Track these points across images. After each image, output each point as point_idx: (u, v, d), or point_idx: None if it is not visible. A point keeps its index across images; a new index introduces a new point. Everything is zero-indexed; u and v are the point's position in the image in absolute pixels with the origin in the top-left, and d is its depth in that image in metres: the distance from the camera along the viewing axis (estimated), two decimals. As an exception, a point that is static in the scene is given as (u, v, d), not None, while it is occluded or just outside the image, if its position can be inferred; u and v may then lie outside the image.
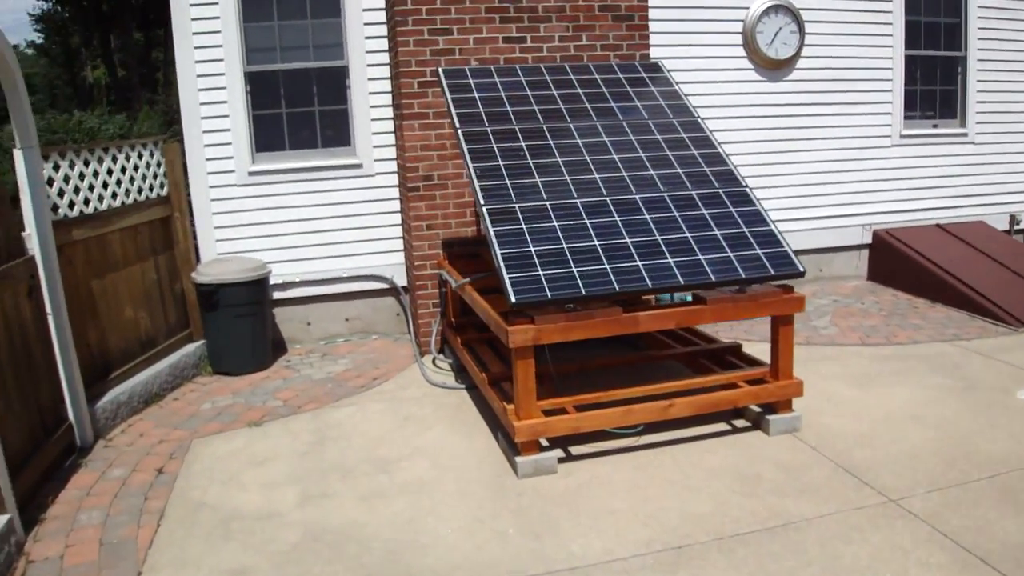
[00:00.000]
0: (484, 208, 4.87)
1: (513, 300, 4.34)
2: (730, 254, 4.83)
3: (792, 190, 8.52)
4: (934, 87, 9.20)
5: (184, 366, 6.50)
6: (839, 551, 3.78)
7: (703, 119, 5.90)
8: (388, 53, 7.15)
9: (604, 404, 4.82)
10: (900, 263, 8.64)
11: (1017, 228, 9.70)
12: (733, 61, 8.19)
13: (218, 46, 6.89)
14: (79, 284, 5.52)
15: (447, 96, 5.72)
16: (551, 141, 5.44)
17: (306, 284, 7.38)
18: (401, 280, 7.54)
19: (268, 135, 7.27)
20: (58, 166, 5.45)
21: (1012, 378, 5.96)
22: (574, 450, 4.91)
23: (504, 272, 4.47)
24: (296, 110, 7.29)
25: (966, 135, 9.28)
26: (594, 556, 3.81)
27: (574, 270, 4.54)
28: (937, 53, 9.08)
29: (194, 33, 6.83)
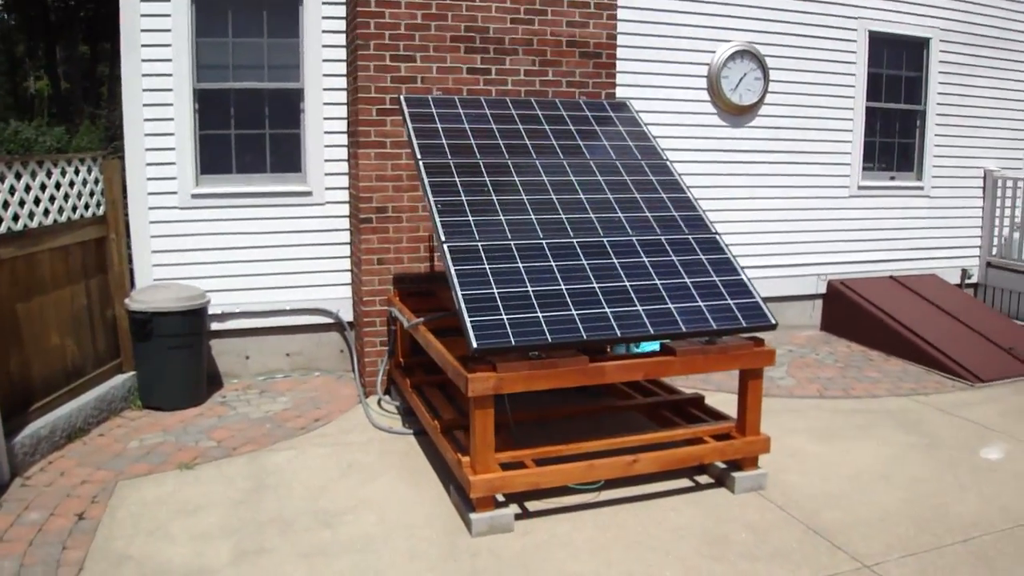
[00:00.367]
0: (445, 245, 4.59)
1: (475, 346, 4.05)
2: (700, 303, 4.62)
3: (750, 237, 8.41)
4: (893, 139, 9.23)
5: (112, 399, 6.06)
6: (817, 628, 3.55)
7: (671, 162, 5.72)
8: (347, 78, 6.86)
9: (565, 458, 4.54)
10: (855, 314, 8.57)
11: (968, 282, 9.74)
12: (697, 104, 8.08)
13: (167, 60, 6.53)
14: (2, 306, 5.09)
15: (408, 125, 5.45)
16: (516, 178, 5.19)
17: (246, 315, 6.99)
18: (347, 315, 7.21)
19: (215, 156, 6.91)
20: (-16, 180, 5.04)
21: (975, 436, 5.86)
22: (531, 506, 4.62)
23: (466, 315, 4.19)
24: (246, 132, 6.95)
25: (922, 188, 9.31)
26: (556, 628, 3.53)
27: (540, 315, 4.28)
28: (897, 106, 9.11)
29: (143, 45, 6.47)
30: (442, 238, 4.64)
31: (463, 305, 4.24)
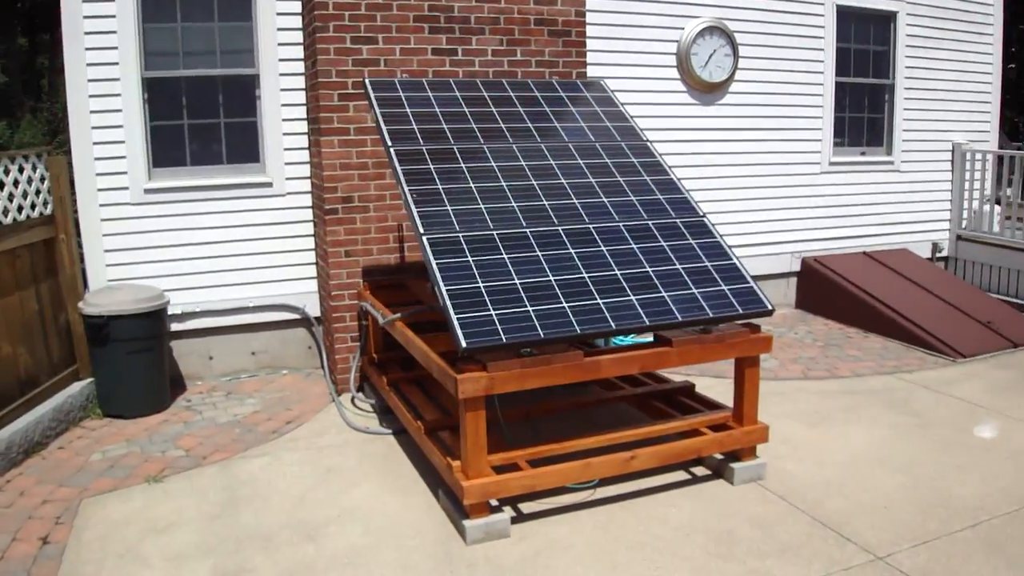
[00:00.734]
0: (424, 238, 4.32)
1: (464, 344, 3.80)
2: (695, 291, 4.41)
3: (724, 216, 8.24)
4: (862, 114, 9.12)
5: (70, 408, 5.70)
6: (839, 629, 3.38)
7: (652, 142, 5.50)
8: (305, 62, 6.53)
9: (560, 457, 4.31)
10: (830, 291, 8.46)
11: (939, 255, 9.70)
12: (667, 83, 7.88)
13: (113, 48, 6.13)
14: (-57, 319, 4.74)
15: (376, 110, 5.16)
16: (494, 163, 4.93)
17: (208, 314, 6.65)
18: (314, 310, 6.90)
19: (167, 149, 6.53)
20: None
21: (965, 414, 5.76)
22: (525, 508, 4.39)
23: (452, 311, 3.93)
24: (200, 122, 6.58)
25: (892, 163, 9.22)
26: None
27: (530, 309, 4.04)
28: (866, 80, 8.99)
29: (86, 33, 6.06)
30: (420, 230, 4.36)
31: (448, 301, 3.98)
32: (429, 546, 4.03)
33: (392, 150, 4.86)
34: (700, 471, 4.83)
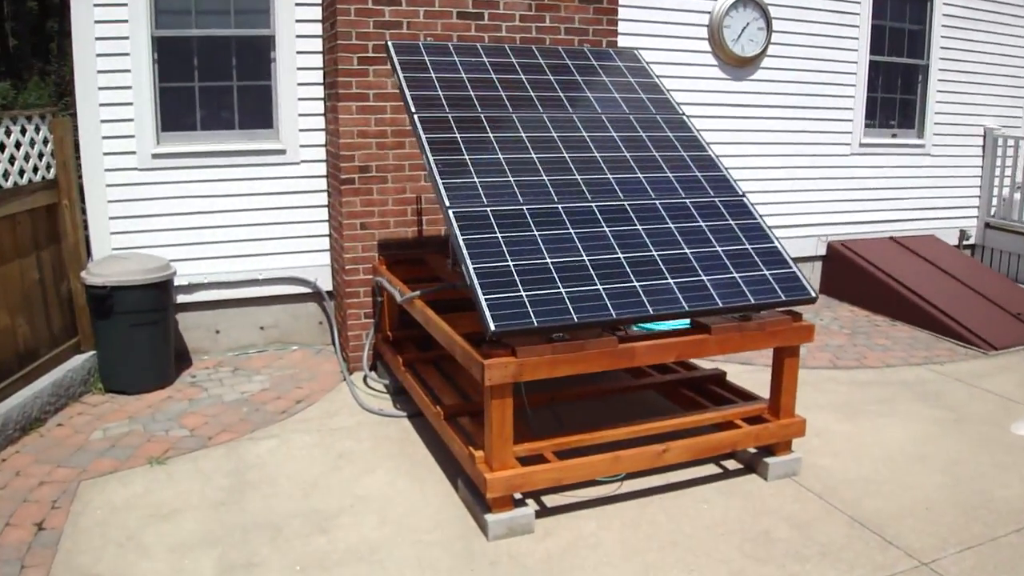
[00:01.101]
0: (451, 211, 4.05)
1: (493, 328, 3.54)
2: (736, 275, 4.15)
3: (751, 196, 7.91)
4: (894, 95, 8.79)
5: (70, 383, 5.46)
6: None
7: (688, 116, 5.22)
8: (323, 23, 6.22)
9: (587, 449, 4.07)
10: (857, 277, 8.19)
11: (966, 243, 9.41)
12: (697, 55, 7.56)
13: (123, 4, 5.83)
14: (-62, 285, 4.49)
15: (399, 75, 4.88)
16: (523, 134, 4.65)
17: (216, 286, 6.39)
18: (326, 284, 6.64)
19: (177, 112, 6.25)
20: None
21: (1000, 409, 5.52)
22: (549, 501, 4.16)
23: (480, 292, 3.67)
24: (211, 84, 6.30)
25: (923, 146, 8.91)
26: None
27: (563, 291, 3.77)
28: (900, 60, 8.66)
29: (93, -12, 5.78)
30: (447, 203, 4.10)
31: (476, 281, 3.72)
32: (448, 541, 3.80)
33: (416, 117, 4.58)
34: (731, 464, 4.59)
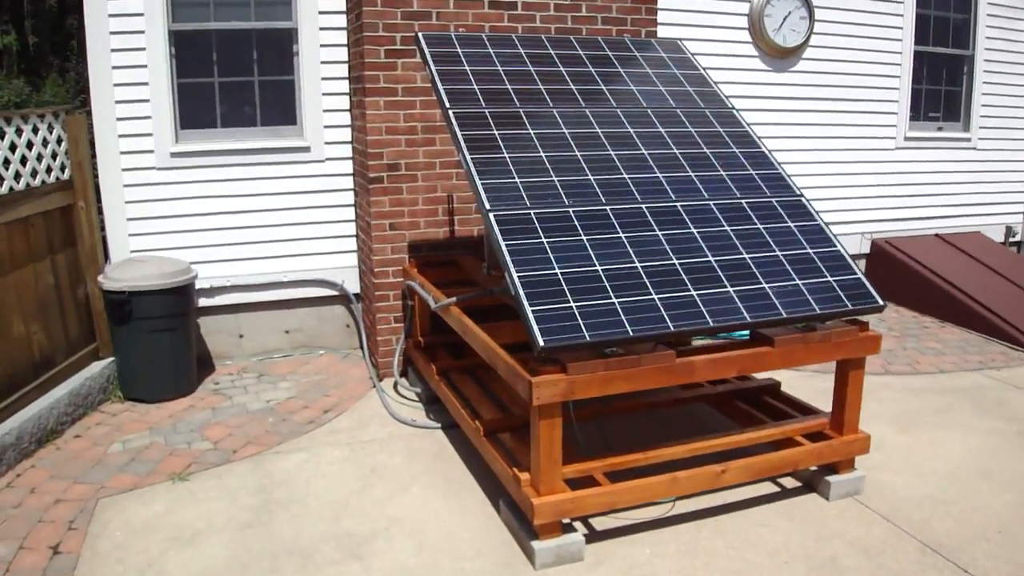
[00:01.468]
0: (491, 215, 3.77)
1: (542, 343, 3.26)
2: (798, 282, 3.85)
3: (791, 193, 7.62)
4: (939, 87, 8.43)
5: (88, 392, 5.22)
6: None
7: (738, 110, 4.91)
8: (348, 15, 5.95)
9: (640, 470, 3.78)
10: (902, 276, 7.85)
11: (1012, 240, 9.05)
12: (737, 46, 7.24)
13: (138, -3, 5.60)
14: (-52, 293, 4.25)
15: (431, 68, 4.59)
16: (565, 130, 4.36)
17: (239, 289, 6.15)
18: (353, 287, 6.38)
19: (196, 109, 6.00)
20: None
21: (1067, 421, 5.20)
22: (598, 524, 3.88)
23: (526, 303, 3.39)
24: (231, 79, 6.03)
25: (969, 140, 8.55)
26: None
27: (615, 301, 3.49)
28: (945, 51, 8.30)
29: (108, -20, 5.53)
30: (486, 205, 3.81)
31: (521, 290, 3.44)
32: (492, 570, 3.52)
33: (451, 112, 4.29)
34: (789, 482, 4.30)
